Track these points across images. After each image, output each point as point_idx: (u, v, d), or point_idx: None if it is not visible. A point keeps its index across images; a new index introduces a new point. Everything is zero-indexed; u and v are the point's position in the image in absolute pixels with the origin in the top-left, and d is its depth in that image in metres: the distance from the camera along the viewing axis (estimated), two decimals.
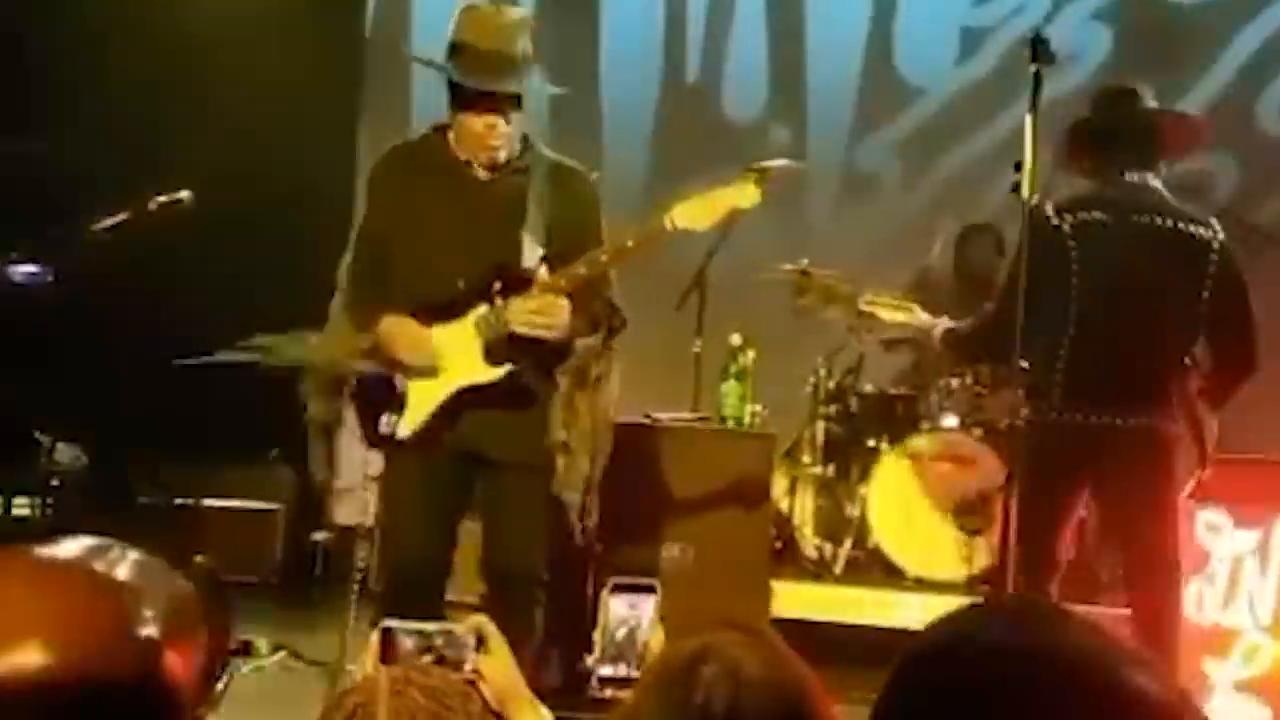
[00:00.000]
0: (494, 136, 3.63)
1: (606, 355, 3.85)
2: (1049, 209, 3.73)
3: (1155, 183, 3.89)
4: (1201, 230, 3.83)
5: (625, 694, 1.87)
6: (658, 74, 7.05)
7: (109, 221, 5.10)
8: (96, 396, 6.10)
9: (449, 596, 3.87)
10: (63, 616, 1.10)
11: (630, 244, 3.58)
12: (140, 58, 6.39)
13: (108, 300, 6.10)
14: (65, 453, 6.01)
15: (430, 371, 3.65)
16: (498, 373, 3.62)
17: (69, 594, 1.13)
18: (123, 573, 1.17)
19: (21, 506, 5.71)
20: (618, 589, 1.95)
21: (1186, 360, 3.79)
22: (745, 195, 3.52)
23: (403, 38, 6.96)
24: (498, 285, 3.61)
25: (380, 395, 3.73)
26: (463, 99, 3.62)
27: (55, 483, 5.83)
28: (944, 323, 4.13)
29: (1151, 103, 3.95)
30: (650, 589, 1.95)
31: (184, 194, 5.14)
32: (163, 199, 5.12)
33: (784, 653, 1.47)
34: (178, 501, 6.17)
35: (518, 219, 3.64)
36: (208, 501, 6.25)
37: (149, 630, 1.13)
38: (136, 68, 6.38)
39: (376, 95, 7.11)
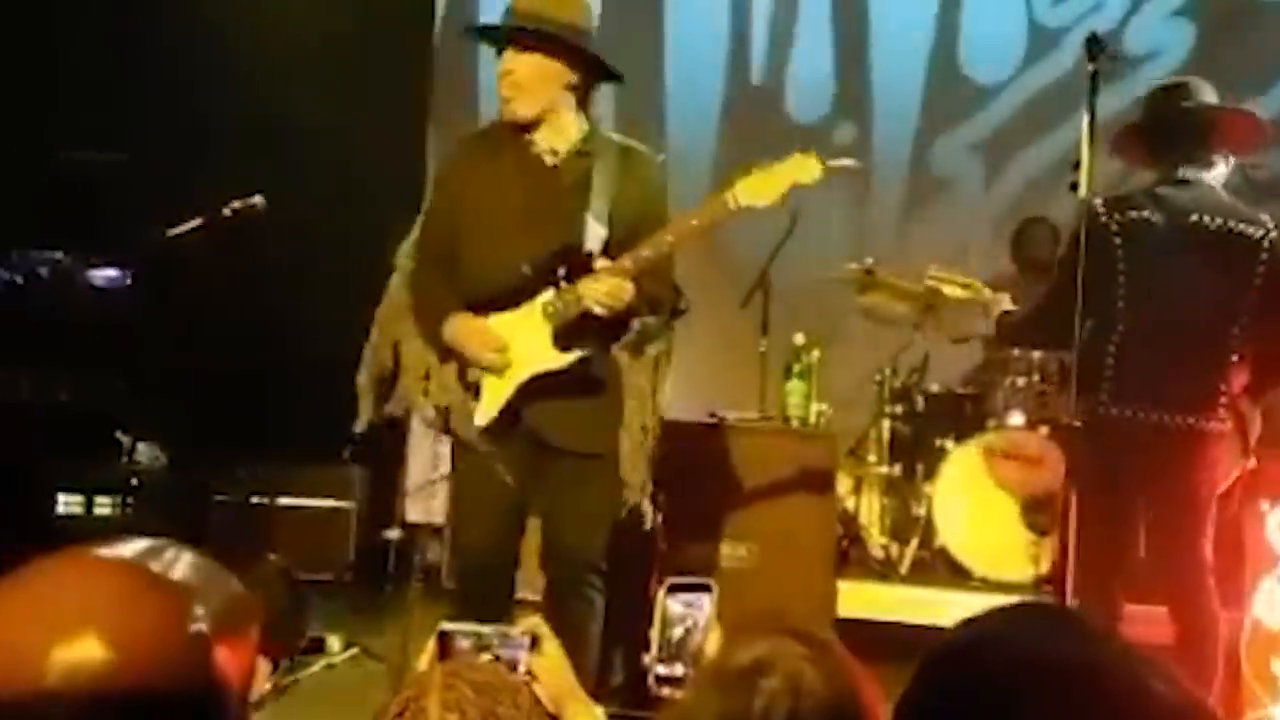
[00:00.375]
0: (503, 85, 3.64)
1: (667, 337, 3.82)
2: (1099, 206, 3.74)
3: (1210, 179, 3.87)
4: (1251, 228, 3.82)
5: (680, 693, 1.90)
6: (723, 75, 7.05)
7: (185, 227, 5.21)
8: (175, 397, 6.21)
9: (517, 594, 3.88)
10: (117, 612, 1.14)
11: (694, 223, 3.56)
12: (213, 63, 6.50)
13: (184, 303, 6.22)
14: (145, 453, 6.13)
15: (502, 364, 3.67)
16: (568, 358, 3.61)
17: (124, 591, 1.17)
18: (177, 571, 1.21)
19: (103, 505, 5.82)
20: (674, 588, 1.97)
21: (1234, 358, 3.79)
22: (807, 169, 3.51)
23: (470, 33, 7.02)
24: (562, 270, 3.60)
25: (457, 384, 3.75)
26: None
27: (135, 482, 5.94)
28: (1004, 301, 4.15)
29: (1209, 98, 3.90)
30: (707, 588, 1.97)
31: (257, 198, 5.23)
32: (237, 204, 5.21)
33: (845, 664, 1.47)
34: (253, 500, 6.28)
35: (582, 202, 3.63)
36: (282, 500, 6.35)
37: (201, 626, 1.17)
38: (209, 74, 6.50)
39: (444, 92, 7.17)
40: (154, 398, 6.16)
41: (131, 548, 1.24)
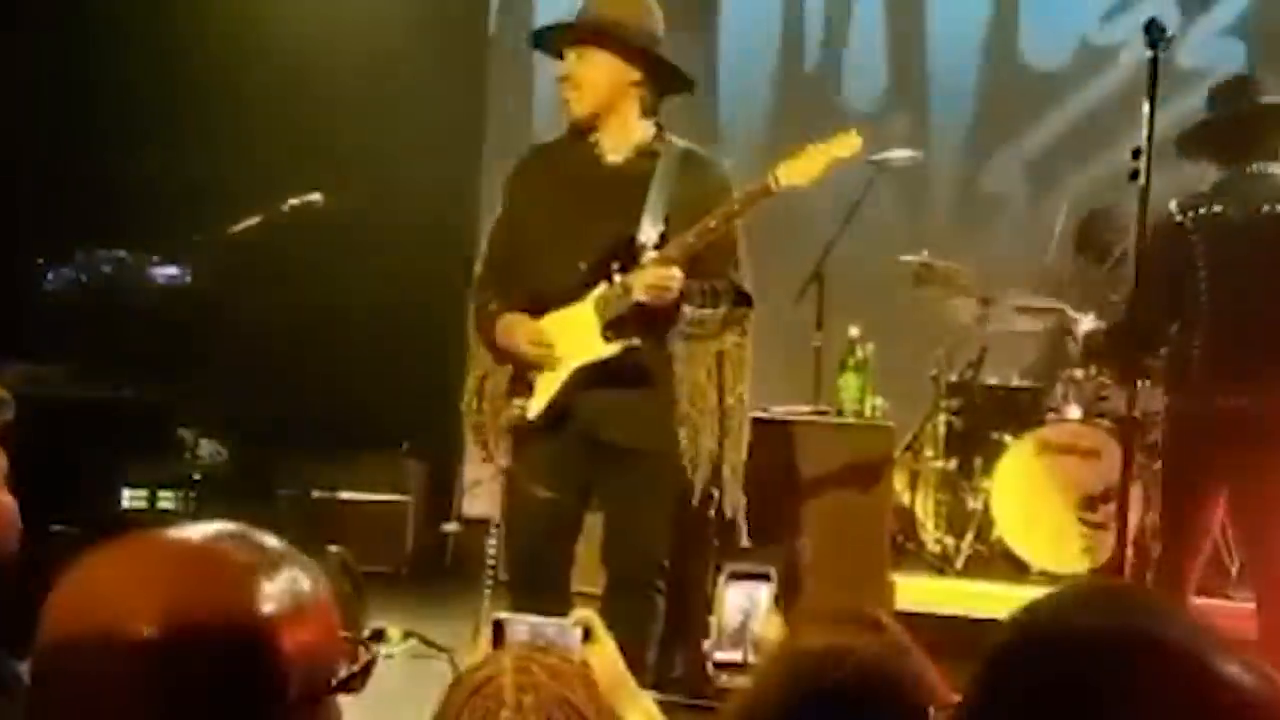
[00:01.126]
0: (564, 87, 3.68)
1: (732, 332, 3.81)
2: (1173, 206, 3.85)
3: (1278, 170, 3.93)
4: None
5: (740, 680, 1.91)
6: (776, 62, 7.02)
7: (244, 224, 5.28)
8: (236, 393, 6.30)
9: (574, 588, 3.88)
10: (176, 595, 1.14)
11: (736, 206, 3.57)
12: (272, 67, 6.57)
13: (245, 300, 6.30)
14: (207, 448, 6.21)
15: (548, 358, 3.69)
16: (613, 348, 3.63)
17: (187, 571, 1.17)
18: (245, 554, 1.20)
19: (166, 500, 5.91)
20: (734, 576, 1.99)
21: None
22: (847, 144, 3.53)
23: (525, 39, 7.05)
24: (615, 264, 3.62)
25: (510, 383, 3.79)
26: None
27: (197, 477, 6.03)
28: (1088, 321, 4.33)
29: (1273, 93, 3.96)
30: (765, 577, 1.98)
31: (315, 196, 5.29)
32: (295, 201, 5.28)
33: (913, 652, 1.48)
34: (314, 494, 6.36)
35: (639, 201, 3.65)
36: (342, 494, 6.42)
37: (264, 609, 1.16)
38: (268, 77, 6.57)
39: (500, 96, 7.20)
40: (216, 394, 6.24)
41: (205, 529, 1.23)
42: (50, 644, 1.16)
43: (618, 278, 3.62)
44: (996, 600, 5.14)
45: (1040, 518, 5.28)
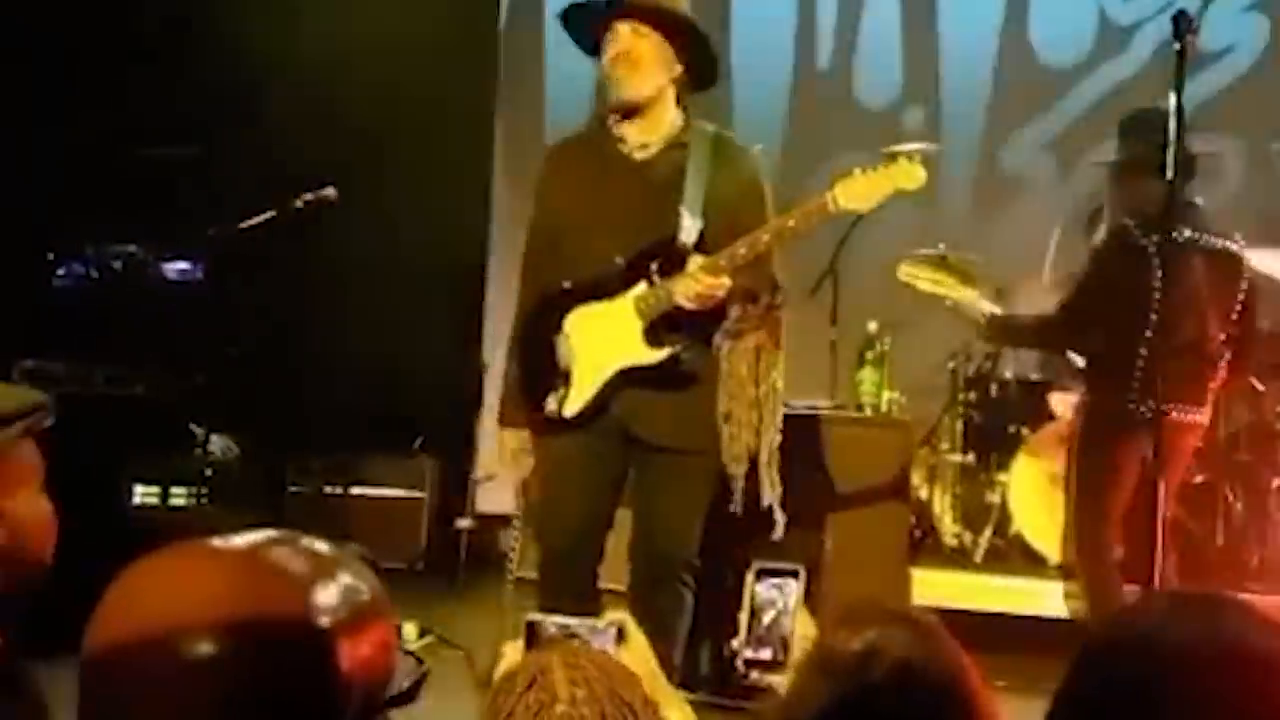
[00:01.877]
0: (619, 64, 3.59)
1: (769, 325, 3.78)
2: (1133, 227, 4.12)
3: (1199, 200, 4.26)
4: (1236, 248, 4.26)
5: (771, 677, 1.89)
6: (790, 60, 7.00)
7: (256, 220, 5.25)
8: (248, 388, 6.28)
9: (602, 584, 3.86)
10: (235, 607, 1.12)
11: (791, 224, 3.51)
12: (285, 62, 6.54)
13: (257, 295, 6.29)
14: (218, 444, 6.19)
15: (584, 347, 3.66)
16: (659, 355, 3.60)
17: (242, 585, 1.14)
18: (298, 564, 1.18)
19: (178, 496, 5.88)
20: (763, 574, 1.97)
21: (1222, 361, 4.25)
22: (911, 176, 3.46)
23: (537, 27, 7.03)
24: (655, 264, 3.58)
25: (544, 374, 3.73)
26: (596, 35, 3.63)
27: (209, 473, 6.01)
28: (988, 306, 4.46)
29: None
30: (794, 573, 1.97)
31: (329, 190, 5.26)
32: (308, 196, 5.25)
33: (952, 649, 1.46)
34: (327, 490, 6.34)
35: (676, 195, 3.59)
36: (355, 490, 6.40)
37: (322, 621, 1.14)
38: (282, 71, 6.54)
39: (511, 88, 7.18)
40: (227, 389, 6.22)
41: (252, 538, 1.21)
42: (101, 656, 1.13)
43: (658, 279, 3.58)
44: (1015, 595, 5.15)
45: (1057, 512, 5.24)
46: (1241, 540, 5.33)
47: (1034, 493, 5.30)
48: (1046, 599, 5.10)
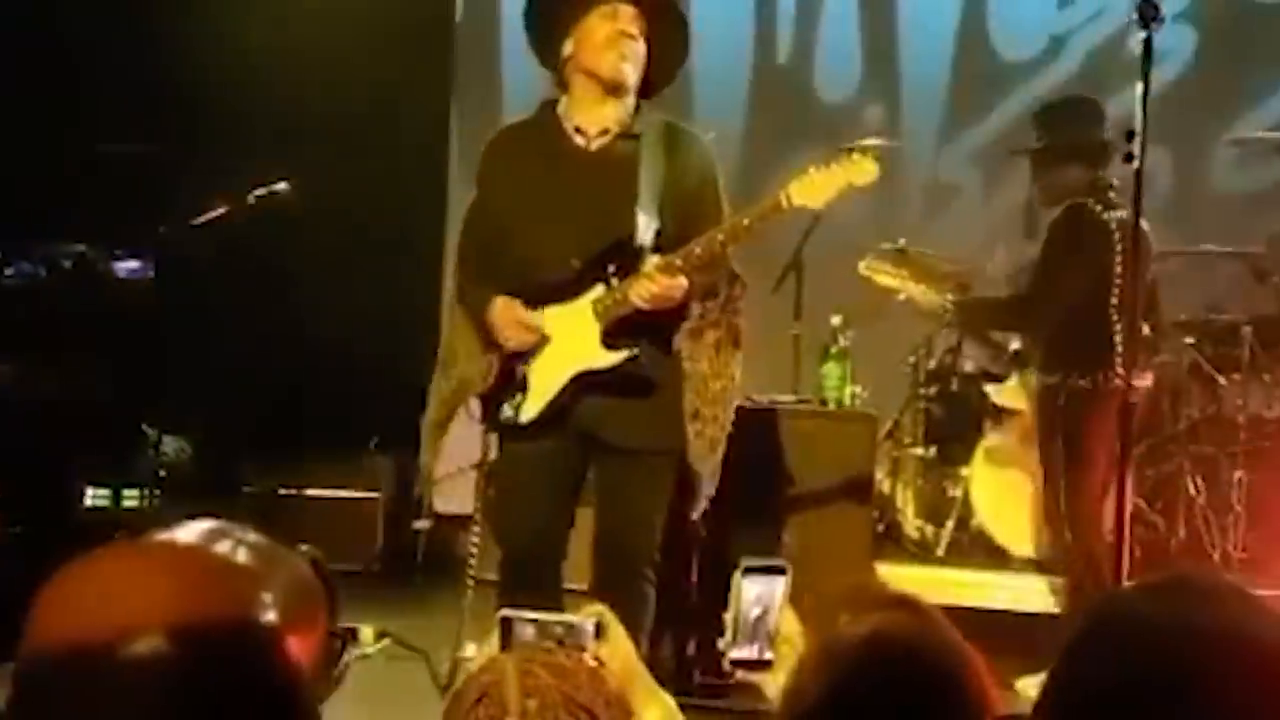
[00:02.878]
0: (625, 44, 3.55)
1: (726, 319, 3.76)
2: (1093, 204, 4.30)
3: (1116, 182, 4.43)
4: (1147, 226, 4.36)
5: (757, 675, 1.87)
6: (749, 55, 6.99)
7: (209, 215, 5.18)
8: (200, 389, 6.19)
9: (566, 584, 3.83)
10: (182, 604, 1.09)
11: (746, 224, 3.50)
12: (238, 56, 6.46)
13: (208, 293, 6.20)
14: (170, 445, 6.12)
15: (541, 351, 3.62)
16: (616, 358, 3.57)
17: (188, 581, 1.11)
18: (242, 557, 1.15)
19: (130, 498, 5.81)
20: (749, 570, 1.93)
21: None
22: (863, 171, 3.46)
23: (493, 20, 6.98)
24: (613, 266, 3.55)
25: (502, 380, 3.69)
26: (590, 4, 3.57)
27: (162, 474, 5.93)
28: (946, 298, 4.63)
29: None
30: (781, 570, 1.93)
31: (282, 185, 5.20)
32: (261, 191, 5.19)
33: (951, 632, 1.47)
34: (280, 491, 6.25)
35: (630, 191, 3.56)
36: (309, 491, 6.32)
37: (269, 616, 1.12)
38: (234, 67, 6.46)
39: (467, 81, 7.12)
40: (179, 390, 6.14)
41: (192, 532, 1.18)
42: (42, 655, 1.08)
43: (615, 281, 3.55)
44: (977, 588, 5.15)
45: (1019, 505, 5.26)
46: (1203, 532, 5.35)
47: (996, 486, 5.31)
48: (1009, 592, 5.11)
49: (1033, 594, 5.07)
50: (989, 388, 5.27)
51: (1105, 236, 4.23)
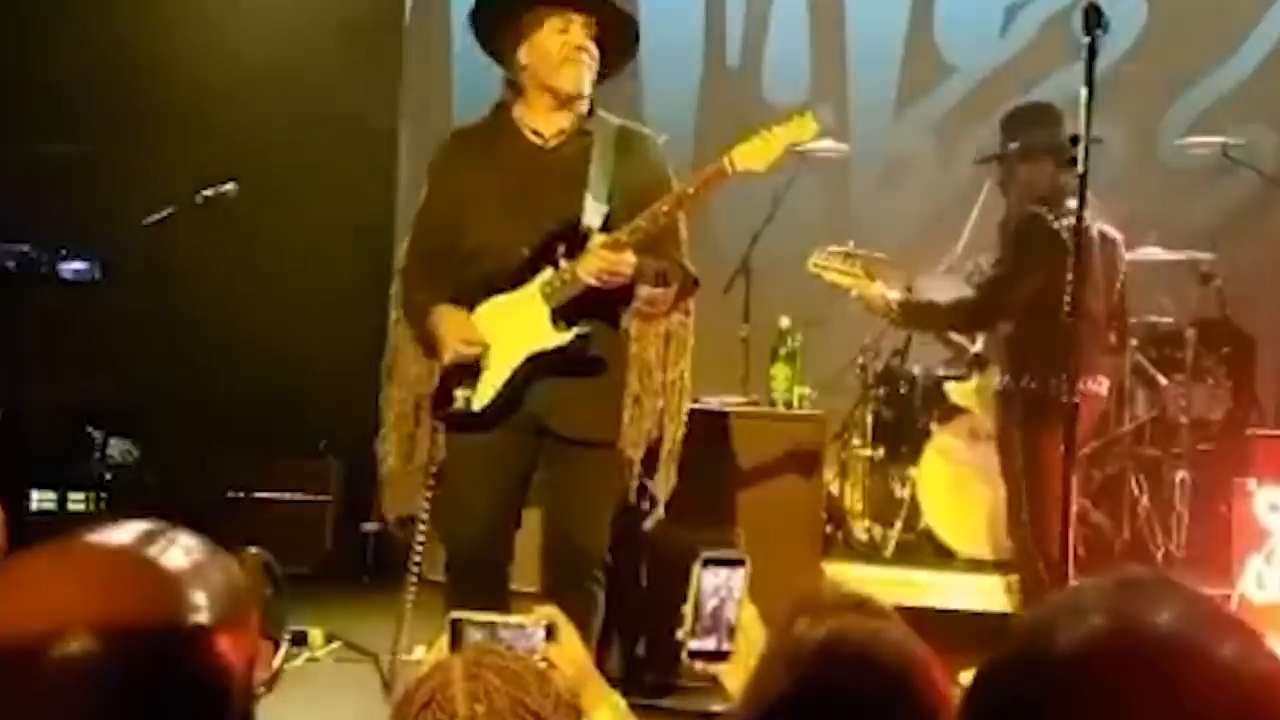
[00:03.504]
0: (584, 57, 3.57)
1: (680, 313, 3.77)
2: (1045, 212, 4.37)
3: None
4: (1117, 234, 4.62)
5: (716, 668, 1.88)
6: (699, 59, 7.01)
7: (157, 216, 5.13)
8: (147, 391, 6.13)
9: (512, 586, 3.81)
10: (111, 605, 1.08)
11: (690, 191, 3.51)
12: (181, 54, 6.41)
13: (156, 294, 6.13)
14: (117, 447, 6.05)
15: (471, 353, 3.60)
16: (565, 336, 3.56)
17: (118, 583, 1.11)
18: (173, 559, 1.14)
19: (76, 501, 5.75)
20: (708, 562, 1.94)
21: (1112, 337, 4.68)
22: (803, 129, 3.48)
23: (443, 25, 6.95)
24: (561, 248, 3.54)
25: (452, 372, 3.67)
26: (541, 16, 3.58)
27: (108, 477, 5.87)
28: (894, 293, 4.63)
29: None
30: (740, 562, 1.94)
31: (230, 186, 5.16)
32: (209, 192, 5.15)
33: (908, 634, 1.48)
34: (229, 494, 6.20)
35: (580, 181, 3.57)
36: (258, 494, 6.27)
37: (200, 617, 1.11)
38: (181, 67, 6.40)
39: (416, 83, 7.09)
40: (126, 392, 6.07)
41: (124, 533, 1.17)
42: None
43: (564, 263, 3.54)
44: (925, 588, 5.19)
45: (967, 505, 5.30)
46: (1147, 532, 5.41)
47: (943, 487, 5.35)
48: (957, 592, 5.15)
49: (979, 593, 5.11)
50: (949, 385, 5.30)
51: (1059, 245, 4.26)
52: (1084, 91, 3.19)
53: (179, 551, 1.15)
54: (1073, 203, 4.27)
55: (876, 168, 6.79)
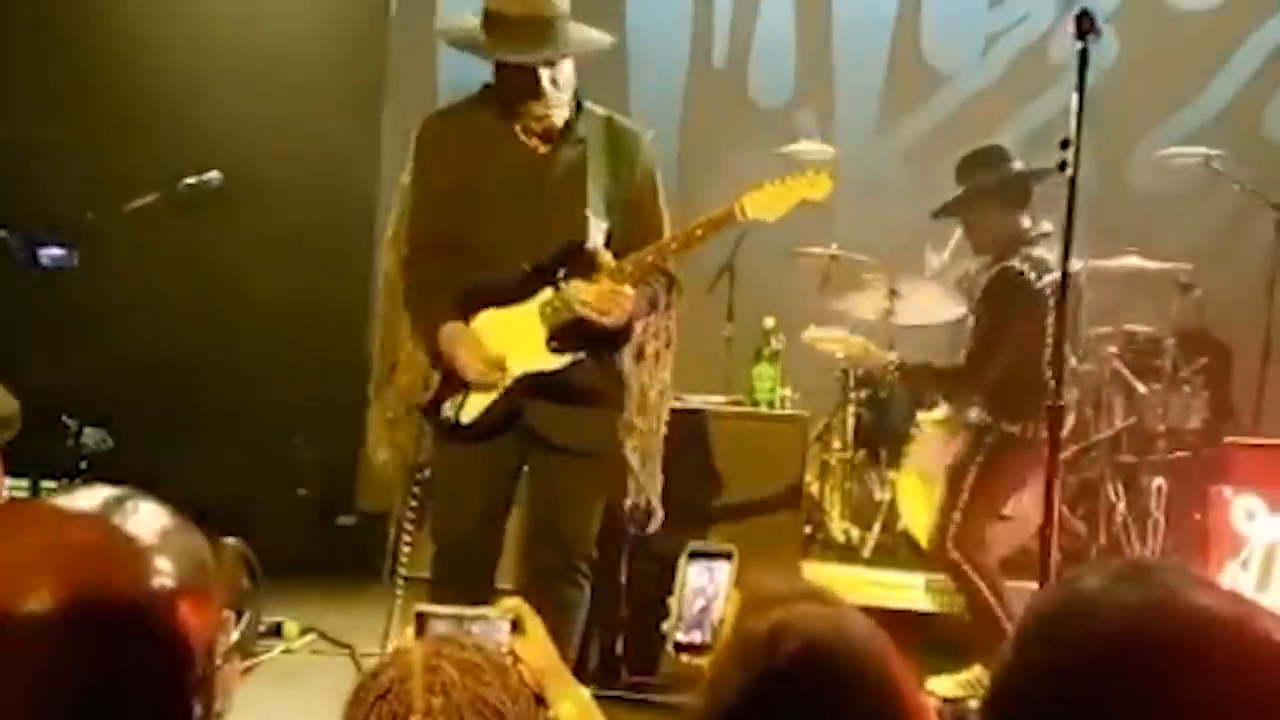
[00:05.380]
0: (544, 106, 3.55)
1: (665, 331, 3.81)
2: (1026, 269, 4.47)
3: (1048, 226, 4.56)
4: (1081, 266, 4.70)
5: (702, 661, 1.87)
6: (685, 59, 7.01)
7: (138, 203, 5.10)
8: (123, 379, 6.09)
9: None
10: (76, 565, 1.09)
11: (699, 234, 3.54)
12: (166, 42, 6.37)
13: (134, 282, 6.09)
14: (92, 436, 6.00)
15: (493, 378, 3.59)
16: (560, 361, 3.57)
17: (83, 543, 1.12)
18: (139, 524, 1.16)
19: (49, 490, 5.69)
20: (695, 555, 1.93)
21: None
22: (817, 186, 3.55)
23: (428, 13, 6.92)
24: (562, 270, 3.55)
25: (444, 383, 3.67)
26: (505, 74, 3.56)
27: (82, 465, 5.82)
28: (892, 356, 4.80)
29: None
30: (727, 555, 1.93)
31: (213, 175, 5.13)
32: (191, 180, 5.11)
33: (862, 624, 1.46)
34: (204, 484, 6.15)
35: (580, 196, 3.57)
36: (234, 484, 6.23)
37: (164, 581, 1.12)
38: (161, 53, 6.36)
39: (401, 72, 7.05)
40: (102, 380, 6.03)
41: (93, 498, 1.19)
42: None
43: (564, 285, 3.55)
44: (903, 589, 5.20)
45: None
46: (1124, 538, 5.45)
47: (923, 490, 5.35)
48: (932, 594, 5.16)
49: (956, 596, 5.13)
50: (920, 415, 5.33)
51: (1032, 297, 4.41)
52: (1074, 96, 3.20)
53: (145, 518, 1.17)
54: (1037, 250, 4.49)
55: (862, 170, 6.80)
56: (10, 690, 1.06)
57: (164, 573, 1.12)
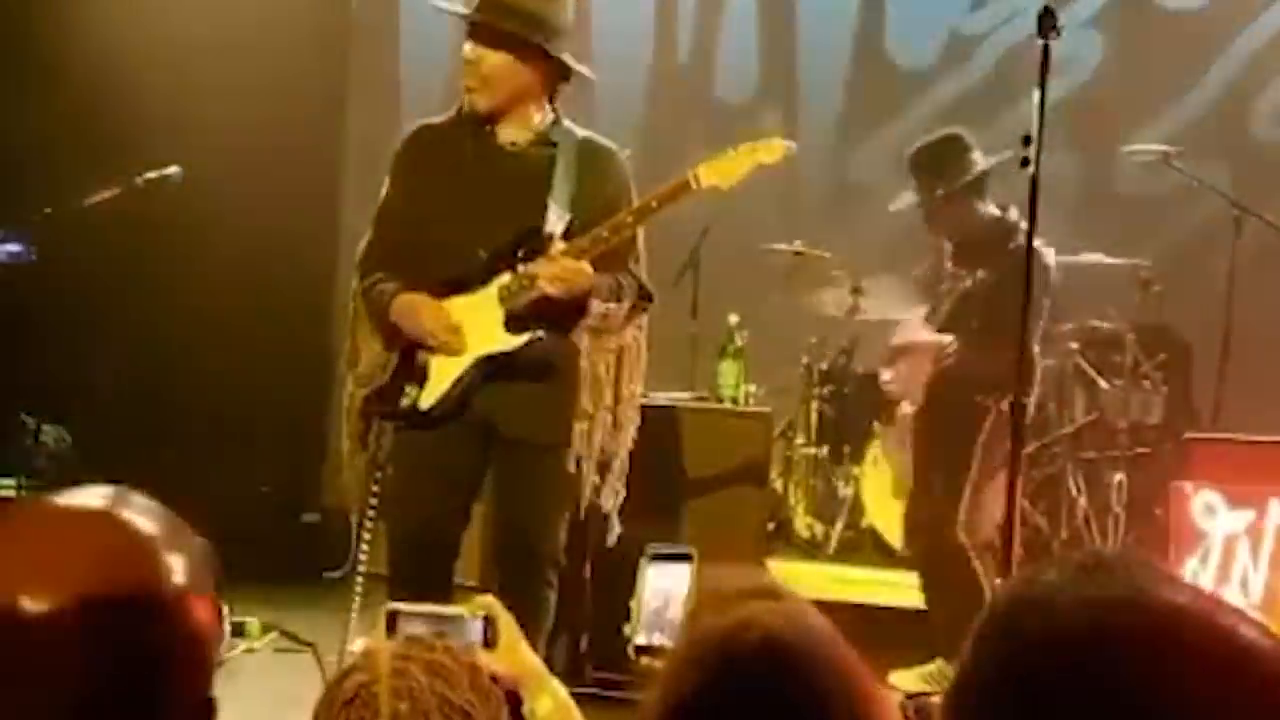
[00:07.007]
0: (469, 75, 3.55)
1: (630, 328, 3.78)
2: (1047, 251, 4.40)
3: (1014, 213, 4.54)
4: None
5: (660, 662, 1.86)
6: (648, 55, 7.00)
7: (96, 198, 5.06)
8: (82, 377, 6.03)
9: (456, 579, 3.79)
10: (95, 568, 1.08)
11: (654, 205, 3.52)
12: (124, 36, 6.30)
13: (93, 279, 6.04)
14: (50, 434, 5.95)
15: (454, 344, 3.58)
16: (518, 340, 3.56)
17: (100, 545, 1.11)
18: (148, 523, 1.15)
19: (7, 488, 5.65)
20: (656, 557, 1.92)
21: None
22: (771, 151, 3.54)
23: (392, 13, 6.89)
24: (520, 253, 3.54)
25: (401, 369, 3.65)
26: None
27: (40, 464, 5.77)
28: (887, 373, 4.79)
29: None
30: (687, 556, 1.92)
31: (173, 170, 5.10)
32: (151, 175, 5.08)
33: (820, 623, 1.45)
34: (165, 482, 6.10)
35: (543, 189, 3.57)
36: (195, 482, 6.17)
37: (178, 580, 1.11)
38: (120, 47, 6.29)
39: (363, 76, 7.03)
40: (60, 378, 5.97)
41: (96, 496, 1.17)
42: None
43: (522, 267, 3.54)
44: (867, 585, 5.23)
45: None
46: (1085, 533, 5.48)
47: (885, 485, 5.38)
48: (898, 589, 5.18)
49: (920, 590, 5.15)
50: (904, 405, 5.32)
51: (1046, 277, 4.37)
52: (1036, 93, 3.21)
53: (151, 516, 1.16)
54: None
55: (825, 166, 6.82)
56: (29, 691, 1.05)
57: (178, 571, 1.12)
